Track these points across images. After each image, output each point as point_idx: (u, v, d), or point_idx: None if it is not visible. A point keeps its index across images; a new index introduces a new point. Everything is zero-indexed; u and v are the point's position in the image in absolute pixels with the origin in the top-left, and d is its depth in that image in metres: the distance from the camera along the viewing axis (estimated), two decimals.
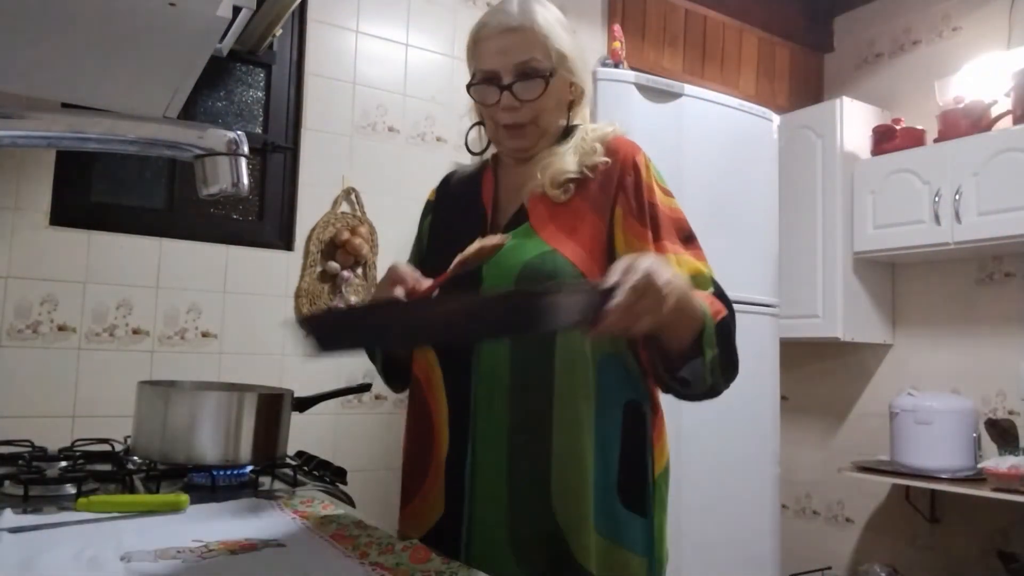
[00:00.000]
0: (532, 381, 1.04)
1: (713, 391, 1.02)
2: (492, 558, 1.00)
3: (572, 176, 1.09)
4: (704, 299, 0.98)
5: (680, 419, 2.08)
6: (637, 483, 1.05)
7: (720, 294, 1.04)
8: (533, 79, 1.09)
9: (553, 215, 1.09)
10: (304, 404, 1.22)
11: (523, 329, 0.91)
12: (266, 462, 1.14)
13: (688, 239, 1.11)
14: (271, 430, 1.10)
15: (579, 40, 1.18)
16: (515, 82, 1.09)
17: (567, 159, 1.10)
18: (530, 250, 1.05)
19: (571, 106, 1.17)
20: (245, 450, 1.07)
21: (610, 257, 1.05)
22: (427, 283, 1.01)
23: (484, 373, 1.06)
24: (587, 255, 1.05)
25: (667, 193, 1.13)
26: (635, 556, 1.04)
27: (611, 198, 1.09)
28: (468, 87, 1.16)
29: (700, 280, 1.04)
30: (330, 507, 1.06)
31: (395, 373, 1.21)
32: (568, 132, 1.16)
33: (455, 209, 1.26)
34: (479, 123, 1.22)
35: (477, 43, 1.14)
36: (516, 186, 1.16)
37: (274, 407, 1.12)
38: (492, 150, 1.26)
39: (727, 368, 1.01)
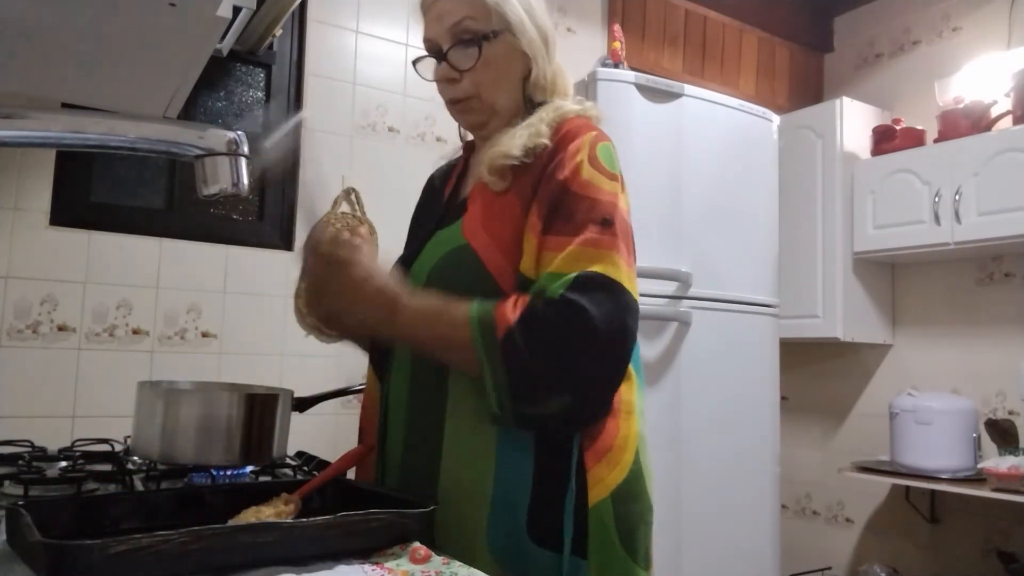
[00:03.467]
0: (425, 401, 0.95)
1: (519, 420, 0.86)
2: None
3: (510, 161, 0.94)
4: (500, 310, 0.85)
5: (680, 419, 2.08)
6: (553, 517, 0.87)
7: (556, 302, 0.84)
8: (469, 45, 0.97)
9: (486, 205, 0.96)
10: (304, 404, 1.22)
11: None
12: (267, 462, 1.14)
13: (605, 224, 0.89)
14: (271, 430, 1.10)
15: (538, 11, 1.03)
16: (451, 49, 0.99)
17: (513, 141, 0.95)
18: (446, 246, 0.97)
19: (528, 78, 1.02)
20: (245, 450, 1.06)
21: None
22: None
23: (394, 384, 1.00)
24: (500, 253, 0.92)
25: (609, 176, 0.94)
26: None
27: (536, 189, 0.93)
28: (414, 64, 1.06)
29: (561, 281, 0.85)
30: None
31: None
32: (533, 110, 1.01)
33: (427, 205, 1.23)
34: None
35: (424, 14, 1.04)
36: (475, 173, 1.05)
37: (274, 407, 1.11)
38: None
39: (519, 391, 0.84)
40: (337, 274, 0.93)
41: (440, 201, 1.12)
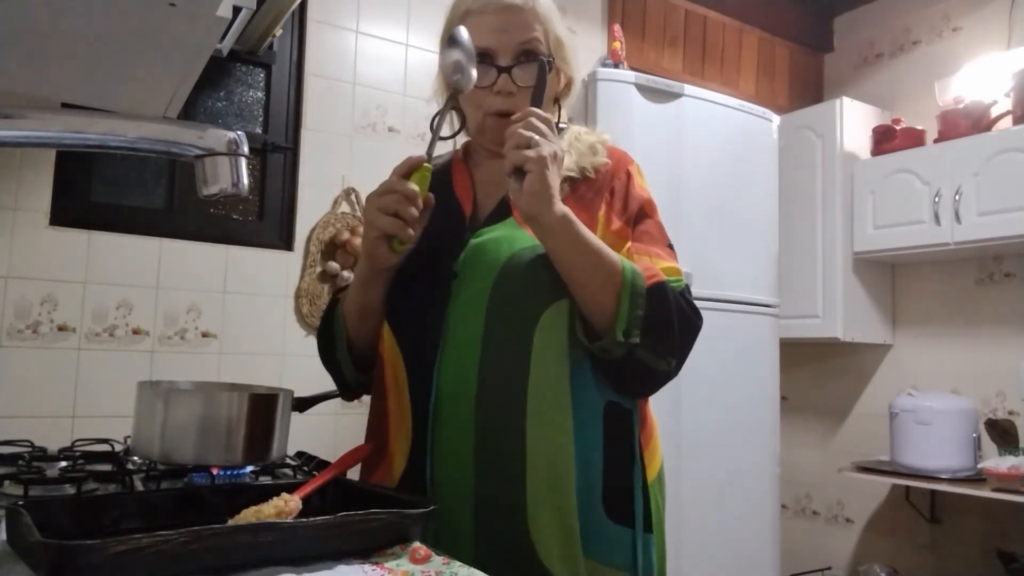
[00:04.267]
0: (502, 390, 0.93)
1: (636, 362, 0.93)
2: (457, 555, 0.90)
3: (571, 174, 1.01)
4: (642, 265, 0.96)
5: (680, 419, 2.08)
6: (625, 492, 0.96)
7: (684, 297, 1.00)
8: (531, 63, 1.00)
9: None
10: (304, 404, 1.22)
11: None
12: (267, 462, 1.14)
13: (670, 247, 1.08)
14: (271, 430, 1.10)
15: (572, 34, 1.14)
16: (514, 65, 1.00)
17: (565, 158, 0.99)
18: (516, 243, 0.97)
19: (558, 100, 1.10)
20: (245, 450, 1.06)
21: None
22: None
23: (448, 378, 0.95)
24: None
25: (653, 204, 1.11)
26: (617, 571, 0.94)
27: (599, 199, 1.04)
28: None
29: (675, 282, 1.00)
30: None
31: (359, 374, 1.11)
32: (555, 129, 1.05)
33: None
34: (454, 108, 1.09)
35: (467, 16, 1.04)
36: (495, 180, 1.06)
37: (274, 407, 1.11)
38: (460, 140, 1.17)
39: (657, 336, 0.93)
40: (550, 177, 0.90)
41: (453, 203, 1.08)
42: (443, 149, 1.09)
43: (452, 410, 0.95)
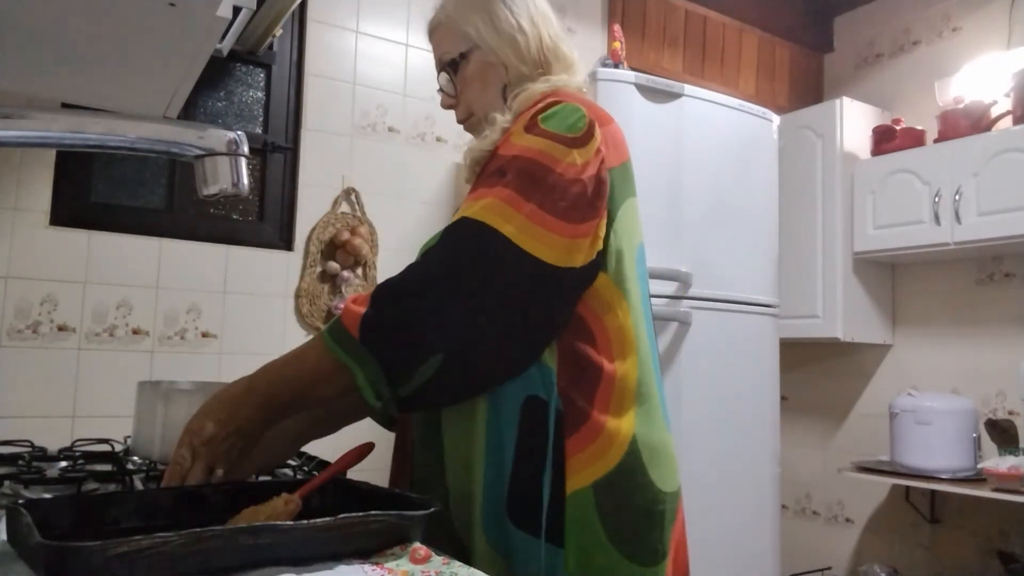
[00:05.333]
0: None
1: (404, 402, 0.84)
2: None
3: (478, 155, 1.00)
4: (344, 312, 0.83)
5: (680, 419, 2.08)
6: (530, 499, 0.86)
7: (422, 261, 0.85)
8: (450, 72, 1.08)
9: (465, 201, 0.96)
10: None
11: None
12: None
13: (500, 175, 0.89)
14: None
15: (509, 11, 1.06)
16: (441, 79, 1.11)
17: (483, 136, 1.01)
18: (431, 242, 0.91)
19: (508, 86, 1.04)
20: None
21: None
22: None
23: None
24: None
25: (544, 135, 0.90)
26: None
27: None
28: (439, 92, 1.16)
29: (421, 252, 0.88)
30: None
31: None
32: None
33: None
34: None
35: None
36: None
37: None
38: None
39: (391, 369, 0.82)
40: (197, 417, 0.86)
41: None
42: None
43: (420, 425, 1.01)
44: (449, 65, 1.08)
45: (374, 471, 1.59)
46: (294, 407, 0.89)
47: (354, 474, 1.09)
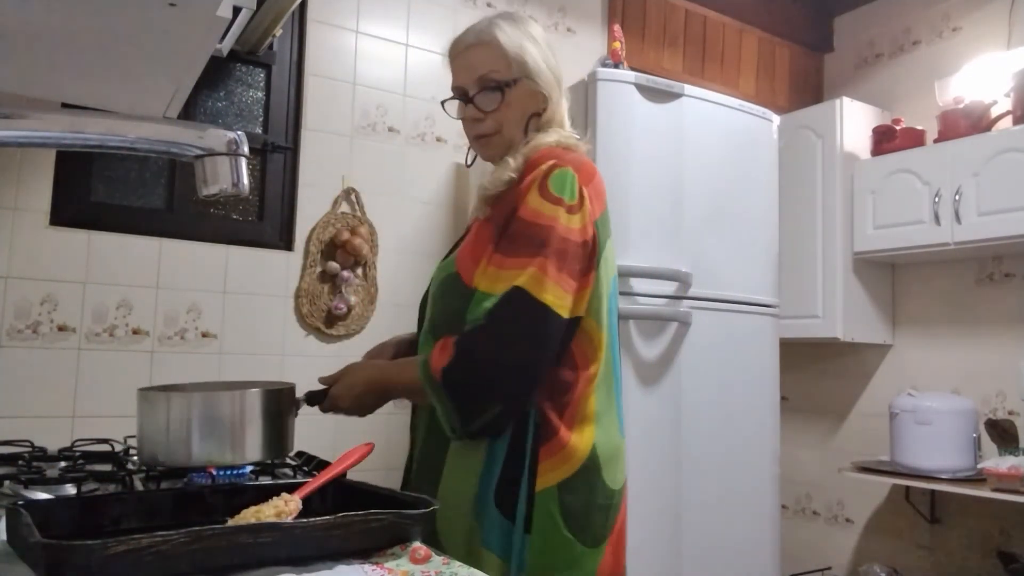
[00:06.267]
0: (437, 424, 1.13)
1: (470, 434, 1.07)
2: None
3: (490, 193, 1.13)
4: (432, 356, 1.05)
5: (680, 419, 2.08)
6: (510, 489, 1.07)
7: (482, 324, 1.04)
8: (494, 91, 1.16)
9: (476, 234, 1.14)
10: (315, 399, 1.20)
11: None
12: (277, 457, 1.14)
13: (538, 245, 1.05)
14: (279, 426, 1.09)
15: (551, 52, 1.21)
16: (477, 94, 1.16)
17: (494, 176, 1.13)
18: (443, 271, 1.15)
19: (537, 116, 1.19)
20: (253, 449, 1.05)
21: None
22: None
23: (420, 413, 1.21)
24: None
25: (554, 201, 1.08)
26: (492, 555, 1.06)
27: (503, 218, 1.11)
28: (443, 104, 1.24)
29: (480, 307, 1.05)
30: None
31: None
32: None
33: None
34: None
35: (450, 62, 1.22)
36: None
37: (280, 402, 1.11)
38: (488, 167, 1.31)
39: (466, 414, 1.04)
40: (352, 395, 1.17)
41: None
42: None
43: (421, 416, 1.19)
44: (496, 85, 1.15)
45: (374, 471, 1.60)
46: (404, 397, 1.18)
47: (354, 474, 1.09)
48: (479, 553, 1.06)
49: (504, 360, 1.03)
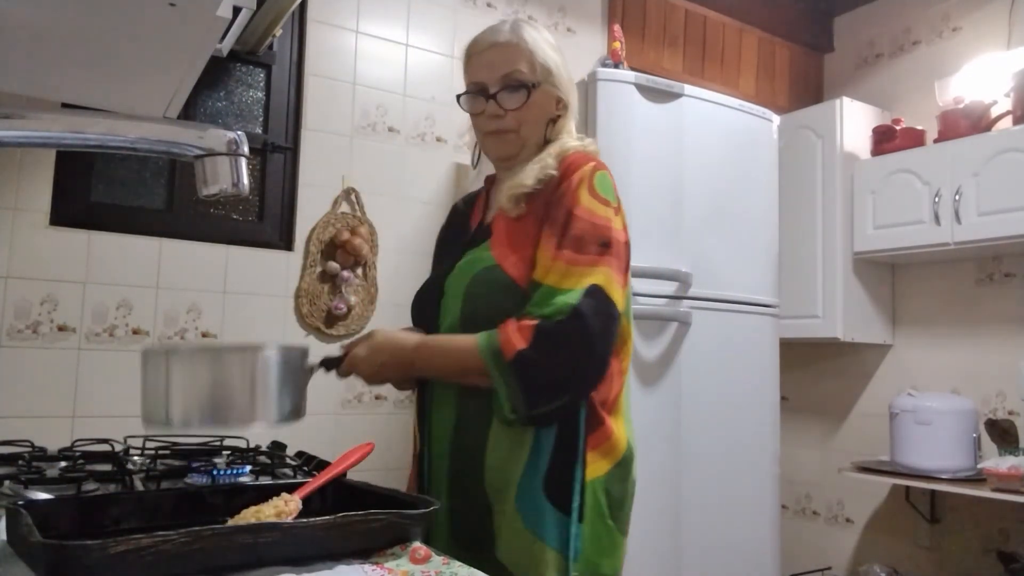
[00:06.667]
0: (475, 393, 1.11)
1: (531, 419, 1.07)
2: (435, 534, 1.09)
3: (525, 190, 1.14)
4: (504, 337, 1.04)
5: (680, 419, 2.08)
6: (563, 482, 1.09)
7: (566, 319, 1.04)
8: (517, 90, 1.17)
9: (508, 230, 1.15)
10: (331, 364, 1.15)
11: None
12: (290, 420, 1.03)
13: (604, 246, 1.10)
14: (292, 388, 1.02)
15: (566, 61, 1.24)
16: (500, 91, 1.17)
17: (527, 173, 1.15)
18: (479, 264, 1.14)
19: (554, 121, 1.22)
20: (267, 411, 0.98)
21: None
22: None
23: (438, 383, 1.17)
24: (526, 268, 1.11)
25: (604, 202, 1.13)
26: (549, 550, 1.06)
27: (547, 211, 1.13)
28: (458, 98, 1.24)
29: (556, 312, 1.04)
30: None
31: None
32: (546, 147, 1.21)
33: (453, 232, 1.35)
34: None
35: (469, 58, 1.23)
36: (496, 202, 1.23)
37: (294, 362, 1.04)
38: (491, 169, 1.31)
39: (536, 398, 1.05)
40: (374, 363, 1.15)
41: (467, 226, 1.29)
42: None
43: (440, 408, 1.16)
44: (522, 84, 1.17)
45: (374, 471, 1.60)
46: (435, 377, 1.16)
47: (354, 474, 1.09)
48: (532, 547, 1.07)
49: (584, 353, 1.05)
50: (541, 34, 1.22)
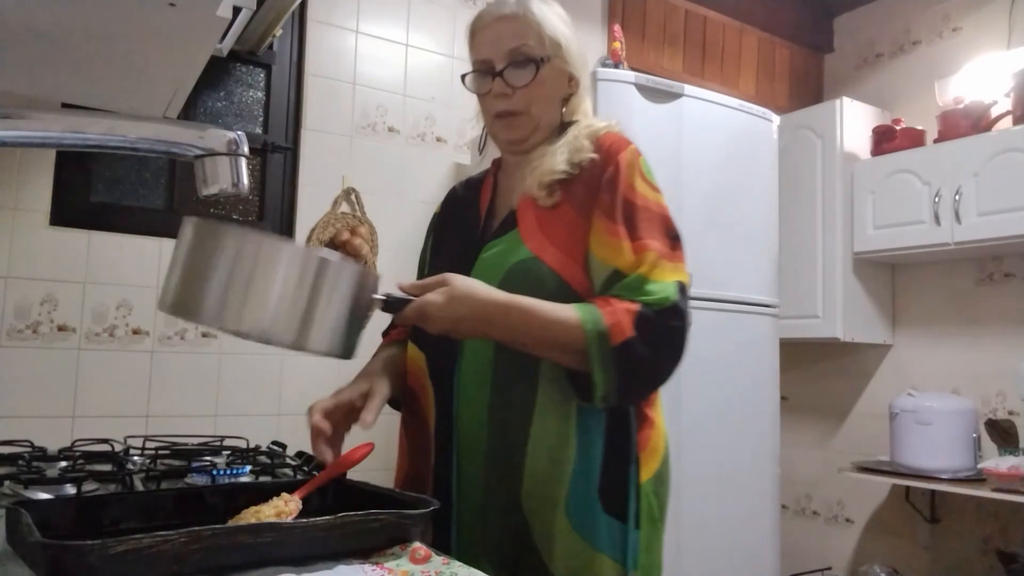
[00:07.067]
0: (516, 370, 1.02)
1: (616, 406, 1.01)
2: (471, 554, 0.99)
3: (558, 177, 1.05)
4: (614, 319, 0.94)
5: (680, 419, 2.08)
6: (618, 488, 1.02)
7: (662, 322, 0.96)
8: (525, 66, 1.08)
9: (540, 220, 1.06)
10: (396, 305, 0.94)
11: None
12: (345, 356, 0.88)
13: (674, 238, 1.04)
14: (356, 319, 0.88)
15: (578, 34, 1.15)
16: (506, 68, 1.08)
17: (556, 158, 1.06)
18: (512, 257, 1.04)
19: (567, 100, 1.14)
20: (320, 336, 0.82)
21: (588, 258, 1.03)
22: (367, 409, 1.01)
23: (467, 366, 1.05)
24: (571, 261, 1.03)
25: (655, 189, 1.07)
26: (609, 560, 1.01)
27: (593, 197, 1.04)
28: (463, 77, 1.14)
29: (655, 302, 0.96)
30: None
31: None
32: (565, 129, 1.13)
33: (454, 219, 1.23)
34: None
35: (474, 34, 1.14)
36: (511, 188, 1.14)
37: (365, 288, 0.88)
38: (496, 153, 1.23)
39: (633, 389, 0.99)
40: (451, 315, 0.95)
41: (474, 214, 1.17)
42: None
43: (469, 416, 1.05)
44: (529, 60, 1.08)
45: (374, 471, 1.60)
46: (521, 346, 1.00)
47: (354, 474, 1.09)
48: (588, 558, 1.00)
49: (679, 351, 0.99)
50: (551, 6, 1.12)
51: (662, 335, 0.96)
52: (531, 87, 1.08)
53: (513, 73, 1.08)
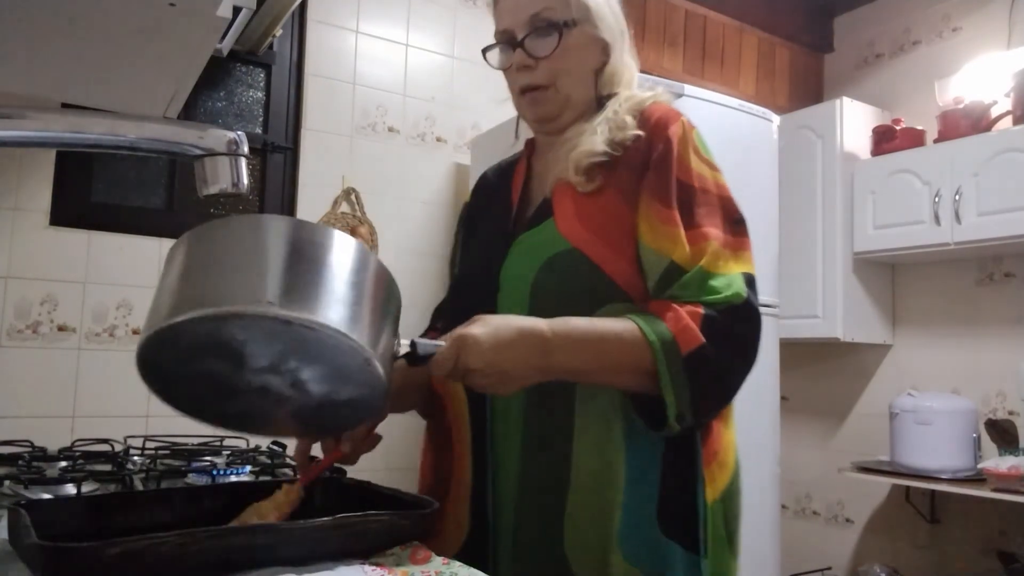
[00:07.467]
0: (553, 390, 0.89)
1: (695, 426, 0.88)
2: None
3: (598, 159, 0.92)
4: (679, 325, 0.83)
5: None
6: (681, 509, 0.89)
7: (731, 322, 0.86)
8: (547, 33, 0.95)
9: (579, 208, 0.93)
10: (420, 358, 0.82)
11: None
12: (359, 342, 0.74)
13: (737, 223, 0.93)
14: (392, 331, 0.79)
15: (616, 1, 1.04)
16: (527, 37, 0.96)
17: (595, 138, 0.94)
18: (548, 250, 0.92)
19: (600, 71, 1.00)
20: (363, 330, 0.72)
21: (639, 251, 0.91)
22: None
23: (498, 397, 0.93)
24: (616, 255, 0.90)
25: (712, 167, 0.94)
26: None
27: (640, 180, 0.92)
28: (483, 53, 1.02)
29: (720, 302, 0.86)
30: None
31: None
32: (604, 103, 1.00)
33: (486, 207, 1.10)
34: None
35: (496, 2, 1.02)
36: (546, 172, 1.02)
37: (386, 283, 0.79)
38: (530, 134, 1.10)
39: (709, 404, 0.88)
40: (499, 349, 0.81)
41: (507, 201, 1.04)
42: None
43: (503, 423, 0.93)
44: (551, 25, 0.95)
45: (374, 471, 1.60)
46: (570, 378, 0.86)
47: (354, 474, 1.09)
48: None
49: (753, 355, 0.89)
50: None
51: (734, 339, 0.86)
52: (555, 57, 0.96)
53: (534, 42, 0.96)
